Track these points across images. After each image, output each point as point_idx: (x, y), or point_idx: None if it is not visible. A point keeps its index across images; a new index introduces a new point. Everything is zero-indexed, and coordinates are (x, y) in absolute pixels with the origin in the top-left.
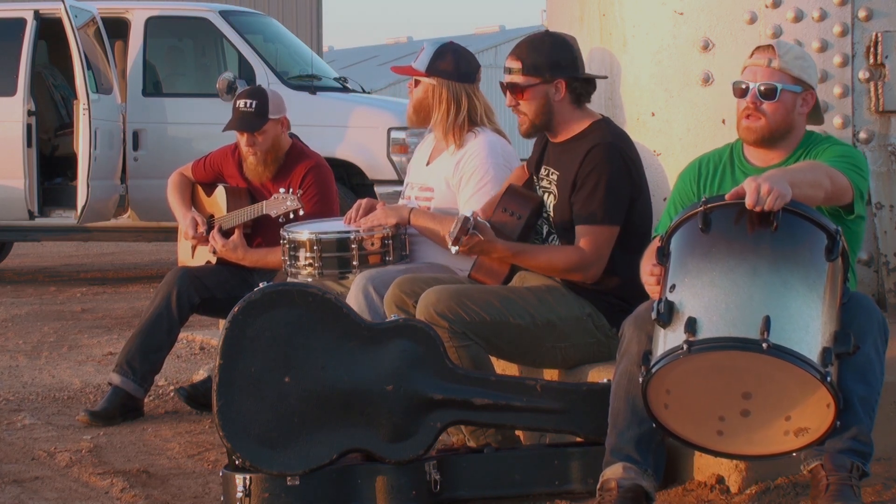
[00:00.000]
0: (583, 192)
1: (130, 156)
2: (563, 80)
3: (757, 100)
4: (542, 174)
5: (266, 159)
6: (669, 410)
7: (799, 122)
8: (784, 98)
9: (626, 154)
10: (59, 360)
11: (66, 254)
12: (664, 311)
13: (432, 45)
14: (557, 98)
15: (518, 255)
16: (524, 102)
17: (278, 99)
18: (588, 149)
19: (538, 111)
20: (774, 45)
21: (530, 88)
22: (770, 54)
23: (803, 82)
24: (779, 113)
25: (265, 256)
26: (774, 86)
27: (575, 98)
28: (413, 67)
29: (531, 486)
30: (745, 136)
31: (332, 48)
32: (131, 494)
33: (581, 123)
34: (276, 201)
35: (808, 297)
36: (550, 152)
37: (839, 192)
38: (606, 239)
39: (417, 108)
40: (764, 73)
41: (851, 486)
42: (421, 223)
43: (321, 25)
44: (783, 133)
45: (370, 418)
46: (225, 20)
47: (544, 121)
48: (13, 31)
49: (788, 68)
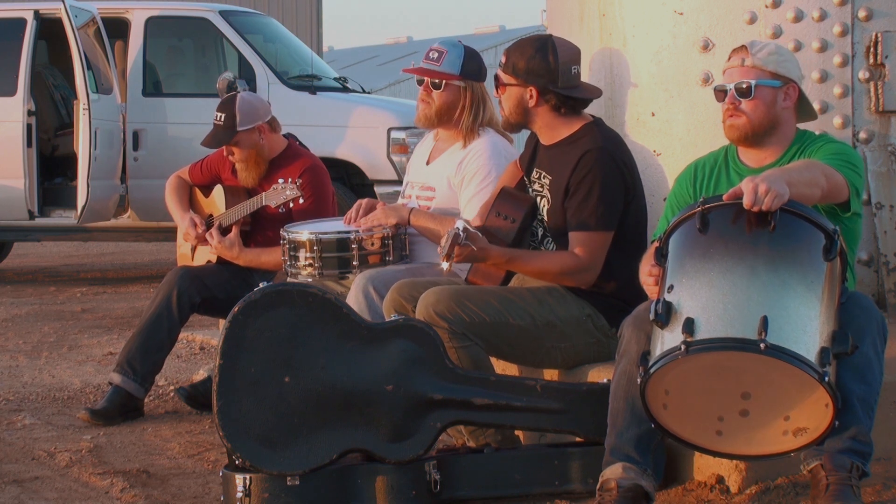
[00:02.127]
0: (576, 198)
1: (130, 156)
2: (535, 89)
3: (735, 99)
4: (534, 177)
5: (248, 166)
6: (668, 411)
7: (784, 116)
8: (761, 94)
9: (619, 158)
10: (59, 360)
11: (66, 254)
12: (662, 311)
13: (452, 46)
14: (531, 104)
15: (512, 261)
16: (503, 97)
17: (250, 108)
18: (580, 154)
19: (512, 110)
20: (747, 44)
21: (506, 87)
22: (743, 54)
23: (781, 76)
24: (759, 109)
25: (259, 256)
26: (749, 83)
27: (554, 106)
28: (442, 71)
29: (531, 486)
30: (730, 136)
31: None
32: (131, 494)
33: (569, 127)
34: (275, 192)
35: (807, 297)
36: (542, 154)
37: (835, 190)
38: (601, 245)
39: (443, 111)
40: (738, 73)
41: (851, 486)
42: (421, 223)
43: (321, 25)
44: (767, 129)
45: (370, 418)
46: (225, 20)
47: (519, 120)
48: (13, 31)
49: (762, 64)
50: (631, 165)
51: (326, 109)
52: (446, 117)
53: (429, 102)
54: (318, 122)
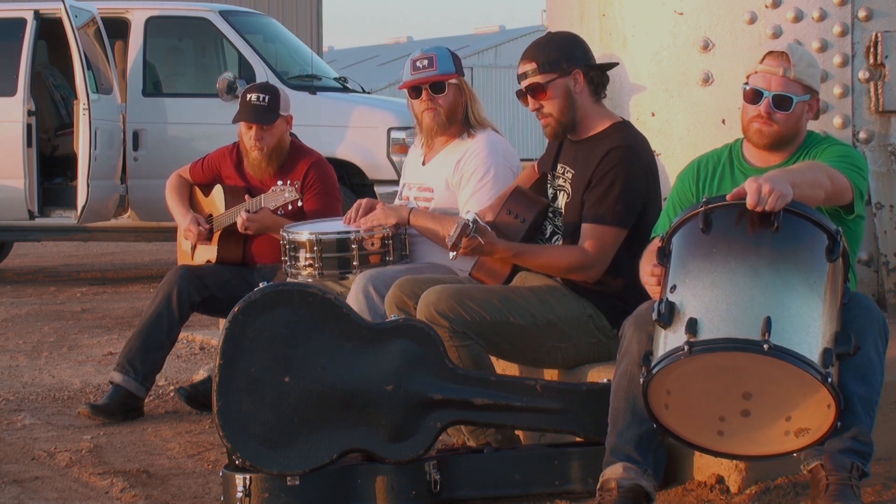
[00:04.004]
0: (596, 190)
1: (130, 156)
2: (580, 70)
3: (771, 109)
4: (558, 171)
5: (270, 155)
6: (670, 411)
7: (804, 126)
8: (796, 108)
9: (645, 160)
10: (59, 360)
11: (66, 254)
12: (665, 311)
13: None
14: (578, 90)
15: (519, 256)
16: (547, 102)
17: (286, 97)
18: (607, 149)
19: (562, 107)
20: (788, 52)
21: (551, 85)
22: (785, 63)
23: (812, 90)
24: (790, 121)
25: (277, 223)
26: (790, 97)
27: (593, 89)
28: (443, 73)
29: (531, 486)
30: (757, 140)
31: (332, 48)
32: (131, 494)
33: (602, 122)
34: (274, 194)
35: (809, 298)
36: (567, 150)
37: (839, 192)
38: (612, 240)
39: (450, 113)
40: (779, 83)
41: (851, 486)
42: (421, 223)
43: (321, 25)
44: (791, 138)
45: (370, 418)
46: (225, 20)
47: (570, 117)
48: (13, 31)
49: (802, 77)
50: (654, 170)
51: (326, 109)
52: (454, 118)
53: (436, 109)
54: (318, 122)
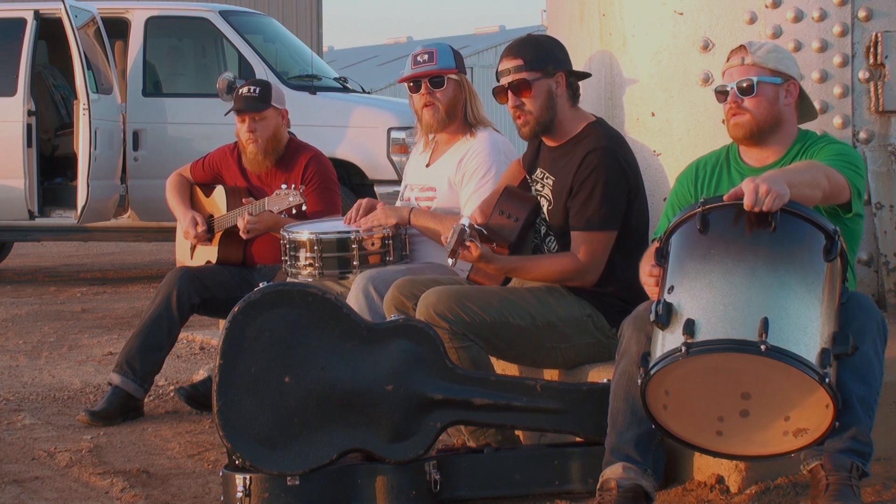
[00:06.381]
0: (579, 197)
1: (130, 156)
2: (563, 74)
3: (738, 98)
4: (537, 177)
5: (266, 148)
6: (668, 411)
7: (787, 114)
8: (763, 90)
9: (622, 157)
10: (59, 360)
11: (66, 254)
12: (662, 312)
13: (437, 45)
14: (559, 93)
15: (514, 271)
16: (529, 100)
17: (279, 91)
18: (584, 154)
19: (543, 107)
20: (745, 44)
21: (536, 83)
22: (742, 53)
23: (782, 73)
24: (762, 106)
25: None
26: (751, 80)
27: (571, 94)
28: (442, 68)
29: (531, 486)
30: (735, 134)
31: (332, 48)
32: (131, 494)
33: (576, 125)
34: (279, 197)
35: (807, 298)
36: (545, 155)
37: (837, 191)
38: (603, 244)
39: (450, 108)
40: (739, 72)
41: (851, 486)
42: (421, 223)
43: (321, 25)
44: (771, 126)
45: (370, 418)
46: (225, 20)
47: (548, 117)
48: (13, 31)
49: (762, 62)
50: (633, 165)
51: (326, 109)
52: (453, 114)
53: (435, 104)
54: (318, 122)
